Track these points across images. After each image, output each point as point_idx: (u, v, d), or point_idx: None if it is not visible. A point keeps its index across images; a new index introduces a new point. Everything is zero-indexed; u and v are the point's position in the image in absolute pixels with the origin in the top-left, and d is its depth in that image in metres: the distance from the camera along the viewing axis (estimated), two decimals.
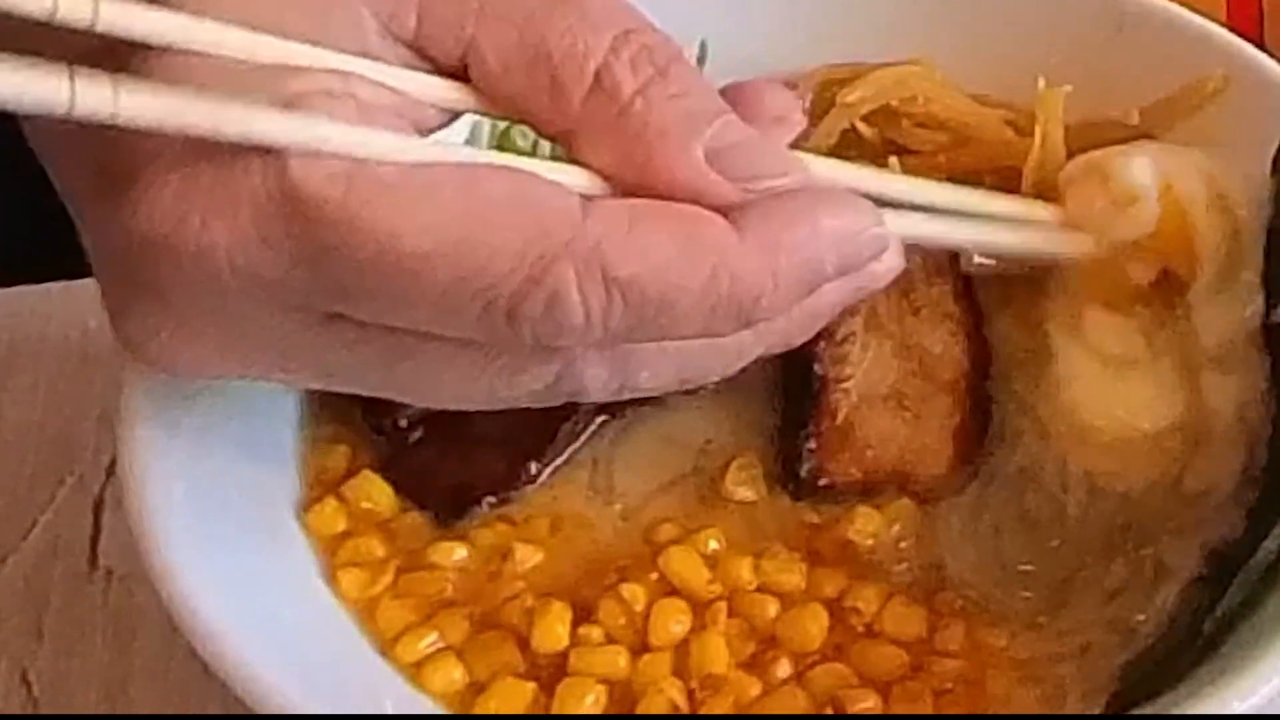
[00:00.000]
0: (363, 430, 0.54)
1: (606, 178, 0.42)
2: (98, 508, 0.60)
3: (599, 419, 0.53)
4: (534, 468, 0.52)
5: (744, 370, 0.54)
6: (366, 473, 0.52)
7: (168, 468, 0.48)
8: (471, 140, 0.53)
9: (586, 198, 0.41)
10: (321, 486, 0.52)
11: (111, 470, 0.59)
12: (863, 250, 0.43)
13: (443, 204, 0.39)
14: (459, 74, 0.43)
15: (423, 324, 0.41)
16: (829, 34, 0.62)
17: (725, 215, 0.41)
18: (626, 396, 0.44)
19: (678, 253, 0.39)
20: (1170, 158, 0.53)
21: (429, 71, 0.43)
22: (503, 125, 0.53)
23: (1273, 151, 0.54)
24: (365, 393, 0.45)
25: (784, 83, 0.60)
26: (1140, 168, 0.53)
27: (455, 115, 0.44)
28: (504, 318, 0.39)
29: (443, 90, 0.43)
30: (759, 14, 0.62)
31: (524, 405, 0.44)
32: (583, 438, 0.53)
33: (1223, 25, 0.60)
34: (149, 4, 0.39)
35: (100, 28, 0.38)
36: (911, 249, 0.55)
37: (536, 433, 0.53)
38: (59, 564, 0.58)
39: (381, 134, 0.39)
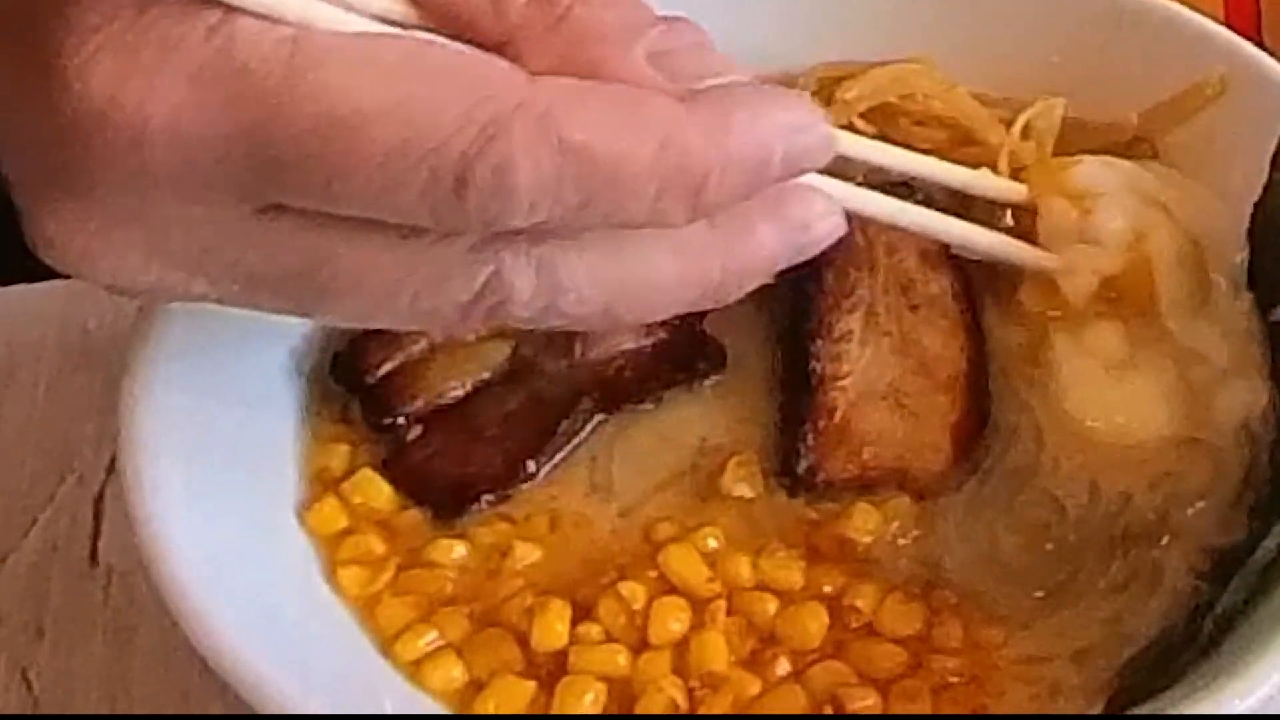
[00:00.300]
0: (362, 428, 0.54)
1: None
2: (98, 505, 0.60)
3: (597, 417, 0.53)
4: (532, 465, 0.52)
5: (742, 367, 0.55)
6: (366, 471, 0.52)
7: (168, 466, 0.49)
8: None
9: None
10: (321, 484, 0.52)
11: (112, 468, 0.59)
12: (811, 146, 0.42)
13: (388, 65, 0.38)
14: None
15: (363, 201, 0.39)
16: (828, 32, 0.62)
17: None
18: (552, 323, 0.43)
19: (626, 123, 0.39)
20: (1147, 208, 0.54)
21: None
22: None
23: (1272, 149, 0.55)
24: (278, 311, 0.43)
25: (783, 81, 0.61)
26: (1112, 216, 0.53)
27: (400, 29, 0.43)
28: (450, 185, 0.38)
29: (383, 2, 0.42)
30: (758, 12, 0.62)
31: (447, 325, 0.43)
32: (581, 435, 0.53)
33: (1221, 24, 0.60)
34: None
35: None
36: (912, 247, 0.56)
37: (535, 430, 0.53)
38: (59, 562, 0.58)
39: (329, 6, 0.39)
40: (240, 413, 0.52)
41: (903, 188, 0.52)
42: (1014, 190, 0.55)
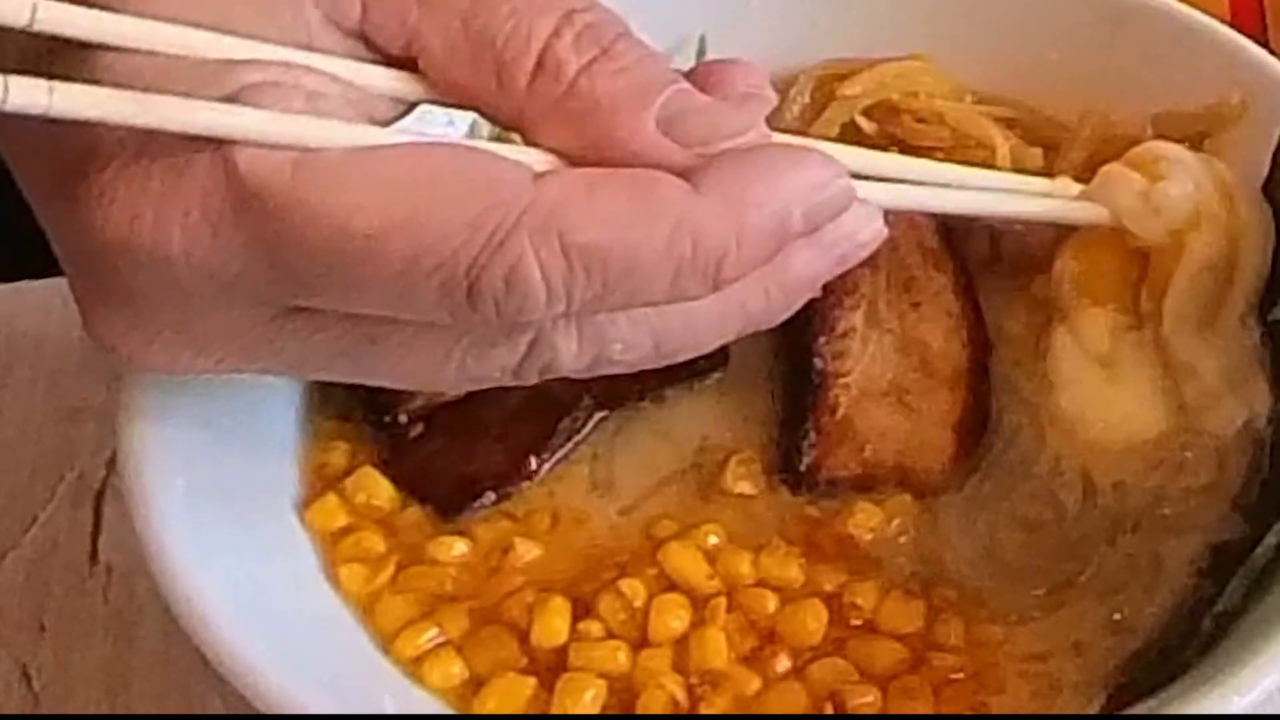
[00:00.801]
0: (363, 426, 0.54)
1: (565, 158, 0.41)
2: (98, 503, 0.60)
3: (598, 414, 0.53)
4: (534, 463, 0.52)
5: (743, 365, 0.55)
6: (367, 468, 0.52)
7: (168, 463, 0.48)
8: (471, 136, 0.53)
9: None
10: (322, 482, 0.52)
11: (112, 465, 0.59)
12: (830, 202, 0.42)
13: (389, 181, 0.38)
14: (408, 63, 0.43)
15: (382, 307, 0.40)
16: (829, 29, 0.62)
17: (686, 178, 0.40)
18: (604, 371, 0.43)
19: (636, 214, 0.39)
20: (1215, 192, 0.53)
21: (377, 62, 0.43)
22: None
23: (1272, 147, 0.55)
24: (338, 379, 0.45)
25: (784, 78, 0.61)
26: (1183, 184, 0.52)
27: (410, 106, 0.43)
28: (464, 294, 0.39)
29: (391, 80, 0.43)
30: (758, 9, 0.62)
31: (500, 384, 0.43)
32: (582, 433, 0.53)
33: (1226, 24, 0.60)
34: (88, 4, 0.39)
35: (39, 28, 0.38)
36: (911, 245, 0.56)
37: (536, 428, 0.53)
38: (60, 559, 0.58)
39: (327, 122, 0.39)
40: (241, 410, 0.52)
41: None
42: (1043, 184, 0.54)
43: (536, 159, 0.41)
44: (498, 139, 0.44)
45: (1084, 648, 0.48)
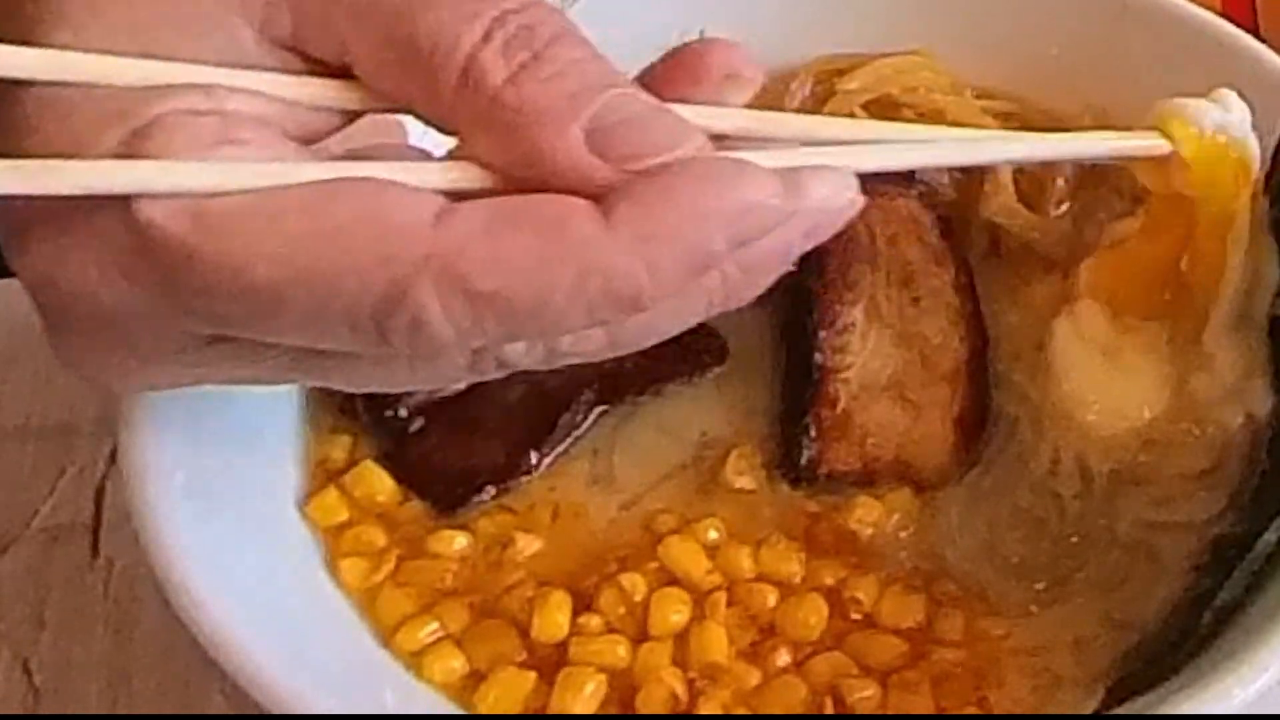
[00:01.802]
0: (363, 420, 0.54)
1: (496, 170, 0.40)
2: (99, 497, 0.59)
3: (598, 409, 0.54)
4: (534, 457, 0.52)
5: (743, 360, 0.55)
6: (367, 462, 0.52)
7: (168, 458, 0.48)
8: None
9: (466, 196, 0.39)
10: (322, 476, 0.52)
11: (112, 460, 0.59)
12: (756, 225, 0.39)
13: (288, 231, 0.38)
14: (347, 72, 0.41)
15: (301, 342, 0.40)
16: (829, 24, 0.62)
17: (602, 202, 0.38)
18: (559, 363, 0.42)
19: (540, 259, 0.38)
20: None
21: (315, 74, 0.42)
22: None
23: (1272, 144, 0.54)
24: (309, 384, 0.44)
25: (784, 72, 0.61)
26: (1244, 111, 0.51)
27: (354, 115, 0.42)
28: (374, 335, 0.38)
29: (328, 90, 0.42)
30: (759, 4, 0.62)
31: (460, 382, 0.43)
32: (582, 427, 0.53)
33: (1219, 15, 0.60)
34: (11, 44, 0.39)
35: None
36: (911, 241, 0.56)
37: (536, 423, 0.53)
38: (60, 553, 0.58)
39: (225, 164, 0.38)
40: (241, 404, 0.52)
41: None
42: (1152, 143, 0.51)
43: (470, 171, 0.40)
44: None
45: (1084, 642, 0.48)
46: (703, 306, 0.41)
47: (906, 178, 0.53)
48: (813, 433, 0.52)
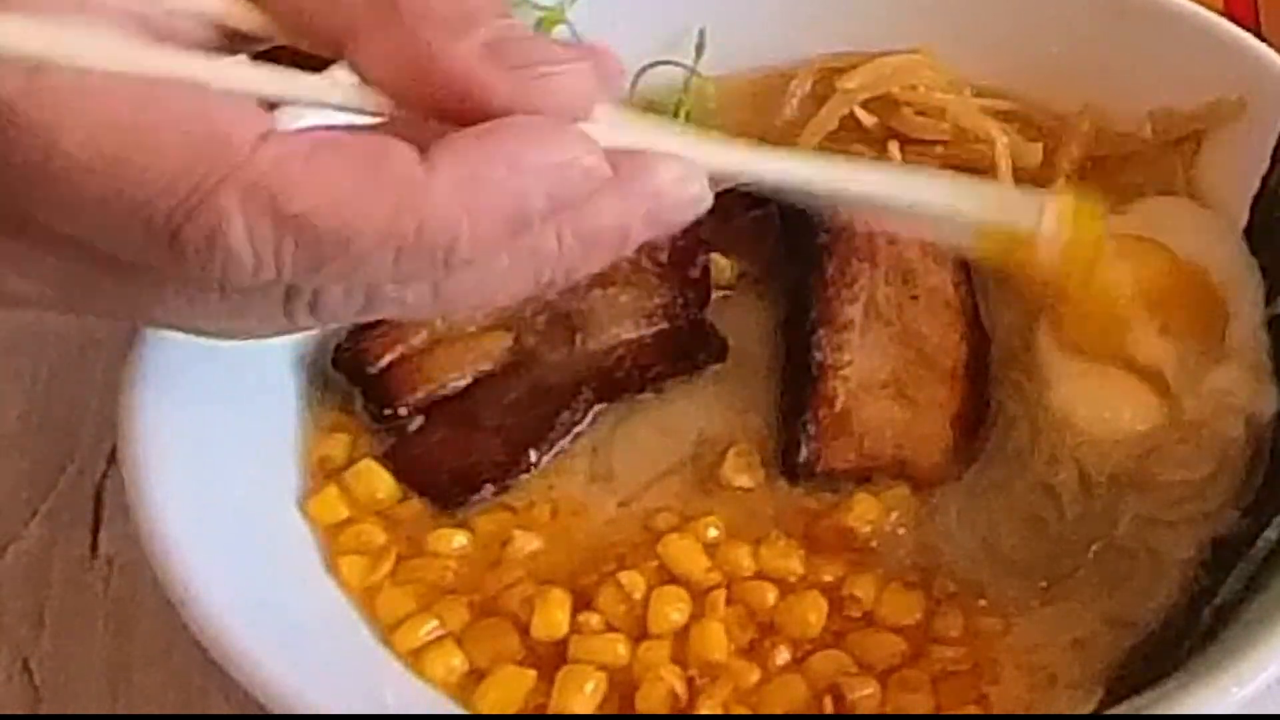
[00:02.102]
0: (363, 419, 0.54)
1: (384, 89, 0.40)
2: (98, 496, 0.59)
3: (597, 407, 0.54)
4: (533, 455, 0.52)
5: (742, 357, 0.55)
6: (367, 461, 0.52)
7: (168, 456, 0.48)
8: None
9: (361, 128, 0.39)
10: (322, 474, 0.53)
11: (112, 458, 0.59)
12: (577, 182, 0.39)
13: (109, 117, 0.37)
14: None
15: (92, 238, 0.39)
16: (829, 23, 0.62)
17: (423, 152, 0.38)
18: (380, 313, 0.42)
19: (357, 187, 0.37)
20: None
21: None
22: None
23: (1273, 142, 0.55)
24: (112, 318, 0.42)
25: (784, 71, 0.61)
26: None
27: (257, 40, 0.42)
28: (165, 242, 0.37)
29: (223, 5, 0.41)
30: (759, 4, 0.62)
31: (273, 329, 0.42)
32: (581, 425, 0.53)
33: (1221, 15, 0.60)
34: None
35: None
36: (909, 239, 0.56)
37: (535, 421, 0.53)
38: (60, 552, 0.58)
39: (78, 35, 0.38)
40: (241, 403, 0.52)
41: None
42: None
43: (350, 96, 0.40)
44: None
45: (1083, 640, 0.48)
46: (534, 273, 0.41)
47: None
48: (811, 430, 0.52)
